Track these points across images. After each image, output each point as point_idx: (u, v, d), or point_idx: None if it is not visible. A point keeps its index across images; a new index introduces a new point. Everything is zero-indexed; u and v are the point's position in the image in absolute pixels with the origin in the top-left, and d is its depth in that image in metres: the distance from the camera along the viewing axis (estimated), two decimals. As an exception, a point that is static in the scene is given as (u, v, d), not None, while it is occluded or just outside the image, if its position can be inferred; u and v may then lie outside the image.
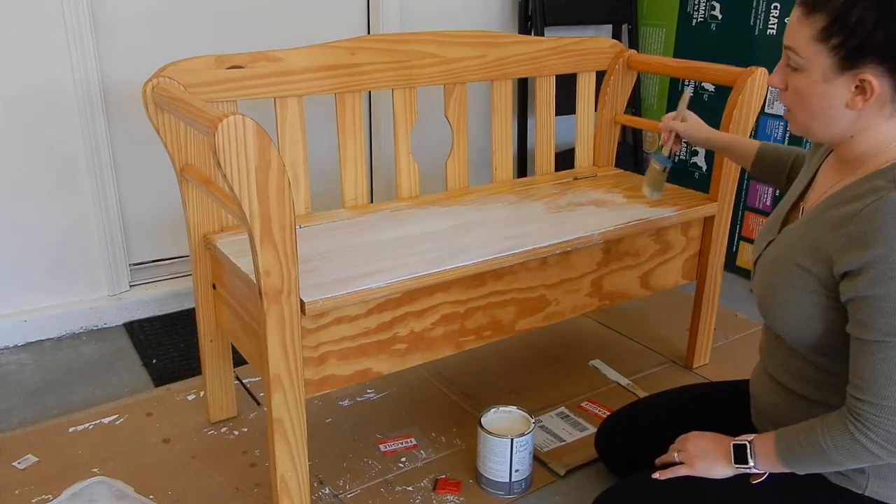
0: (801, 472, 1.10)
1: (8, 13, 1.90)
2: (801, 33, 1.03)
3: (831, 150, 1.18)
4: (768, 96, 2.44)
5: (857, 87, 1.01)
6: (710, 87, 2.69)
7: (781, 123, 2.45)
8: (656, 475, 1.20)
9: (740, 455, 1.14)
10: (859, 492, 1.10)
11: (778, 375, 1.20)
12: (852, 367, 1.03)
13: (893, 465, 1.08)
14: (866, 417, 1.01)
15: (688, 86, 1.52)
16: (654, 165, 1.71)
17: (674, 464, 1.22)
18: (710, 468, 1.16)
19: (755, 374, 1.29)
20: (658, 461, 1.26)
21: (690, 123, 1.65)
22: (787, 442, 1.10)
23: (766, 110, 2.48)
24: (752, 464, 1.13)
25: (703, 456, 1.18)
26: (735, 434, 1.28)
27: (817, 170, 1.21)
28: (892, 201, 0.97)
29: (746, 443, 1.14)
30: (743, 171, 2.40)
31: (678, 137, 1.67)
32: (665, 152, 1.68)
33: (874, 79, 0.99)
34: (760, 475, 1.14)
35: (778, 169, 1.50)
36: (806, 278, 1.07)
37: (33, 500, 1.50)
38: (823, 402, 1.12)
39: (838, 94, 1.02)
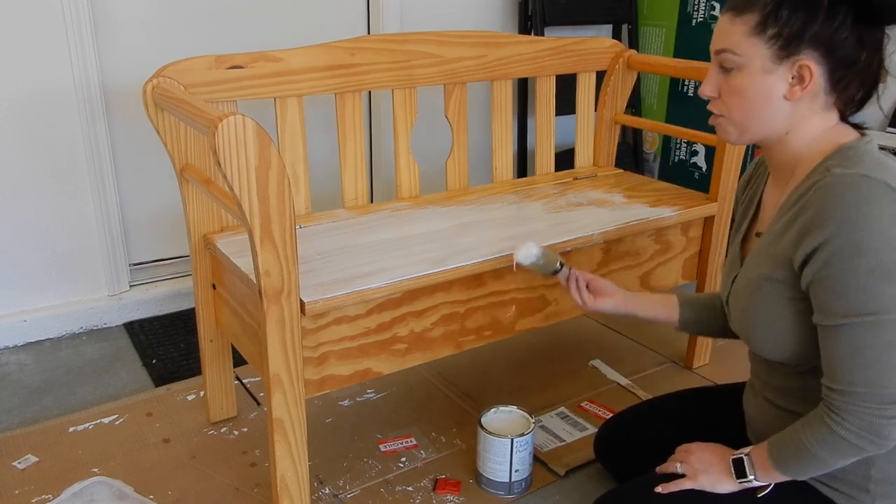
0: (798, 477, 1.09)
1: (8, 13, 1.90)
2: (734, 32, 1.07)
3: (768, 175, 1.20)
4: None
5: (794, 77, 1.05)
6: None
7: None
8: (659, 489, 1.18)
9: (740, 470, 1.13)
10: None
11: (775, 399, 1.18)
12: (822, 356, 1.03)
13: None
14: (838, 406, 1.00)
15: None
16: (558, 258, 1.43)
17: (675, 474, 1.20)
18: (715, 484, 1.14)
19: (748, 397, 1.27)
20: (658, 470, 1.23)
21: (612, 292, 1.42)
22: (776, 447, 1.09)
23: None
24: (751, 477, 1.11)
25: (707, 470, 1.16)
26: (735, 436, 1.28)
27: (760, 197, 1.22)
28: (827, 185, 0.99)
29: (743, 456, 1.13)
30: (743, 170, 2.39)
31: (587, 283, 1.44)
32: (564, 266, 1.43)
33: (812, 64, 1.03)
34: (765, 487, 1.12)
35: (710, 317, 1.39)
36: (777, 289, 1.07)
37: (33, 500, 1.50)
38: None
39: (777, 85, 1.06)
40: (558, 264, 1.43)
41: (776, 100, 1.06)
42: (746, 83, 1.07)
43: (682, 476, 1.18)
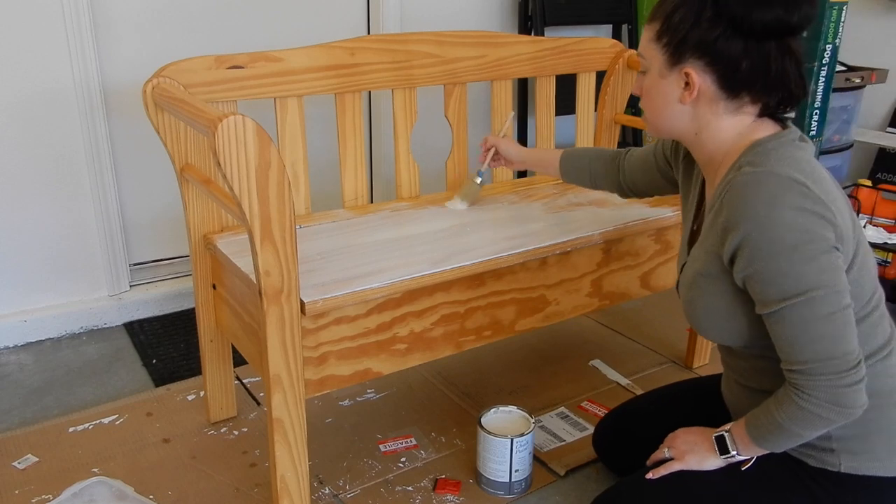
0: (777, 450, 1.14)
1: (8, 13, 1.90)
2: (645, 38, 1.16)
3: None
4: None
5: (685, 84, 1.11)
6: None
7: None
8: (649, 474, 1.23)
9: (723, 446, 1.18)
10: (835, 470, 1.14)
11: (746, 382, 1.23)
12: (775, 343, 1.08)
13: (861, 438, 1.12)
14: (800, 384, 1.06)
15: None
16: (474, 179, 1.76)
17: (665, 460, 1.25)
18: (702, 462, 1.20)
19: (725, 385, 1.33)
20: (649, 461, 1.28)
21: (509, 141, 1.75)
22: (753, 424, 1.14)
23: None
24: (734, 452, 1.17)
25: (693, 450, 1.21)
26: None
27: (702, 188, 1.26)
28: (738, 184, 1.06)
29: (724, 433, 1.19)
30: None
31: (497, 154, 1.74)
32: (484, 168, 1.74)
33: (694, 73, 1.10)
34: (749, 461, 1.18)
35: (581, 175, 1.61)
36: (712, 283, 1.13)
37: (33, 500, 1.50)
38: None
39: (671, 89, 1.13)
40: (478, 180, 1.75)
41: (672, 103, 1.14)
42: (650, 85, 1.16)
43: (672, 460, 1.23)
